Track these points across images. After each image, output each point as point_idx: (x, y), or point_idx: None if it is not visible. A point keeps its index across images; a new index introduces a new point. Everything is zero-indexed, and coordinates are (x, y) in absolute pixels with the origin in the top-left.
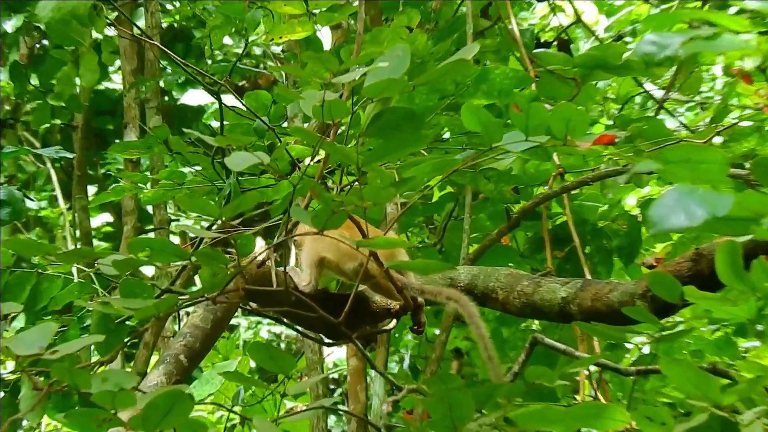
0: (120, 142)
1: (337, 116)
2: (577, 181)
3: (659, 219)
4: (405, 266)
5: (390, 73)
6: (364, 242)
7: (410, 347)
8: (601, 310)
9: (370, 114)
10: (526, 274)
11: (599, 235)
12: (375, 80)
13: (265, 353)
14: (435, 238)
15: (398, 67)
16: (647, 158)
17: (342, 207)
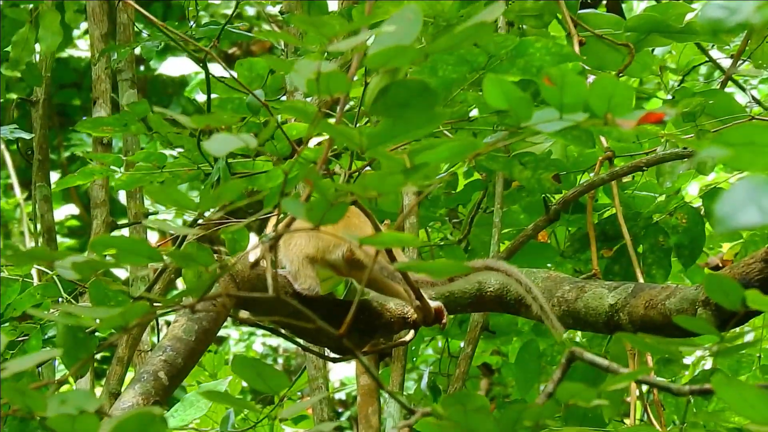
0: (89, 119)
1: (337, 91)
2: (629, 167)
3: (727, 216)
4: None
5: (398, 39)
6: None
7: (430, 363)
8: (656, 319)
9: (374, 88)
10: (567, 277)
11: (654, 231)
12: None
13: (253, 370)
14: (459, 234)
15: (408, 31)
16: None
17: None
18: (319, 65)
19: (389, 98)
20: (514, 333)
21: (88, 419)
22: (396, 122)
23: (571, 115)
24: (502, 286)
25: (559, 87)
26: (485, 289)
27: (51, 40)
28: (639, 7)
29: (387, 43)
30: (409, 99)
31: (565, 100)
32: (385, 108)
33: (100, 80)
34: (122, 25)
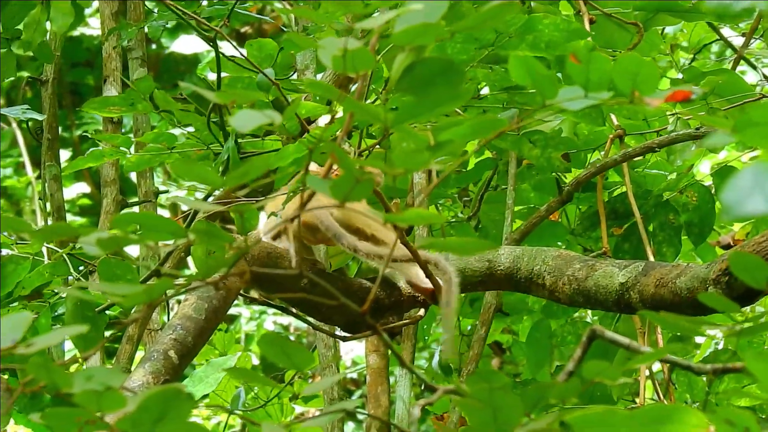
0: (98, 98)
1: (362, 68)
2: (641, 147)
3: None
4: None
5: (424, 17)
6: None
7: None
8: (667, 298)
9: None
10: (578, 256)
11: (665, 209)
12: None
13: (278, 346)
14: (469, 212)
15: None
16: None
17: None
18: (345, 42)
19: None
20: (525, 312)
21: (114, 395)
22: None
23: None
24: (513, 264)
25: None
26: (495, 267)
27: (62, 21)
28: None
29: (413, 21)
30: (435, 76)
31: (590, 77)
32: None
33: (111, 58)
34: (133, 3)
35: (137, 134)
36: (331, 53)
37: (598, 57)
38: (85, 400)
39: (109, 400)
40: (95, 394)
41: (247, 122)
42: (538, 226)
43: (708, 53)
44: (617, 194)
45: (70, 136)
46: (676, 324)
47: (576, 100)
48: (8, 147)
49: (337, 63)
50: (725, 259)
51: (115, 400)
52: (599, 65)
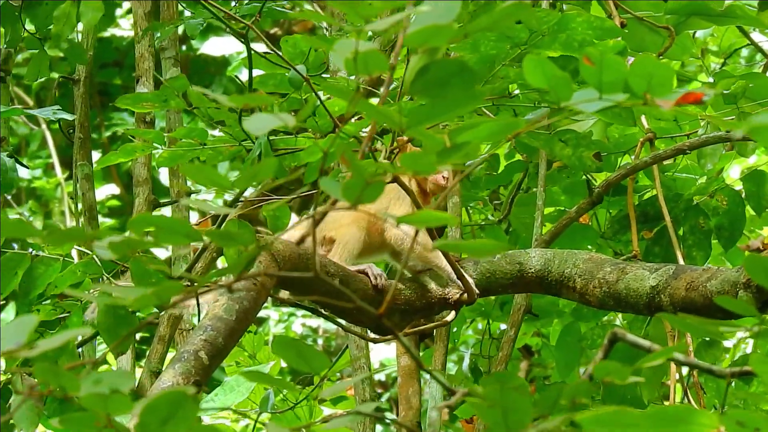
0: (130, 94)
1: (375, 70)
2: (672, 150)
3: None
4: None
5: (437, 17)
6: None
7: (471, 345)
8: (697, 301)
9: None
10: (608, 259)
11: (695, 213)
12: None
13: (293, 350)
14: (500, 215)
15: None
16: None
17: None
18: (356, 44)
19: (429, 78)
20: (555, 315)
21: (121, 399)
22: (436, 102)
23: (610, 95)
24: (544, 267)
25: (599, 66)
26: (526, 270)
27: (92, 15)
28: None
29: (426, 22)
30: (449, 78)
31: (604, 79)
32: (424, 87)
33: (144, 58)
34: (165, 3)
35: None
36: (343, 56)
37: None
38: (92, 402)
39: (115, 402)
40: (102, 397)
41: (262, 125)
42: (569, 228)
43: (738, 57)
44: (648, 198)
45: (99, 137)
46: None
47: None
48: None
49: (349, 65)
50: None
51: (121, 403)
52: (613, 67)
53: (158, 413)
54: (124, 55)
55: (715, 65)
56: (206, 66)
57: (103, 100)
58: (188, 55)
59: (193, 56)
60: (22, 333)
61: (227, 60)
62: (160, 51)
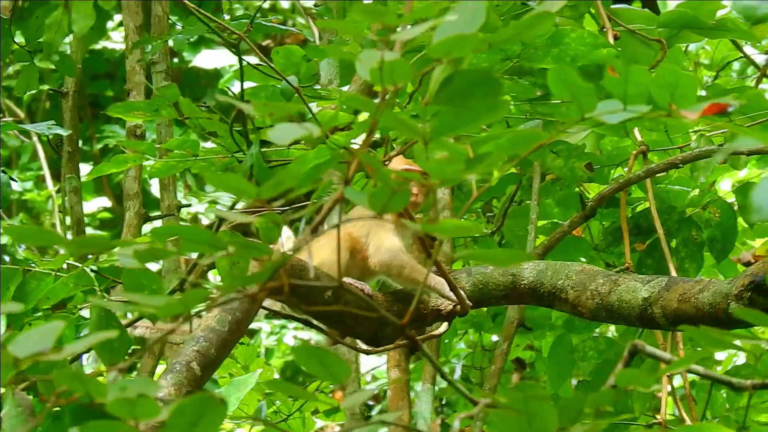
0: (122, 103)
1: (400, 80)
2: (665, 164)
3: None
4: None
5: (462, 28)
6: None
7: (462, 357)
8: (690, 313)
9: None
10: (601, 271)
11: (687, 225)
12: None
13: (316, 358)
14: (493, 227)
15: (472, 21)
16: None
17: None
18: (382, 54)
19: (453, 87)
20: (547, 328)
21: (148, 404)
22: (459, 112)
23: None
24: (536, 278)
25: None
26: (519, 282)
27: (83, 23)
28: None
29: (451, 32)
30: (473, 88)
31: (629, 90)
32: (448, 97)
33: (135, 72)
34: (157, 17)
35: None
36: (369, 65)
37: (638, 69)
38: (118, 409)
39: (143, 408)
40: (128, 402)
41: (286, 135)
42: (562, 241)
43: (730, 71)
44: (640, 210)
45: (91, 149)
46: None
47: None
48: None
49: (374, 75)
50: (747, 275)
51: (149, 408)
52: (638, 78)
53: (186, 417)
54: (115, 67)
55: (708, 78)
56: (198, 79)
57: (94, 112)
58: (180, 68)
59: (184, 69)
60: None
61: (219, 72)
62: (151, 64)
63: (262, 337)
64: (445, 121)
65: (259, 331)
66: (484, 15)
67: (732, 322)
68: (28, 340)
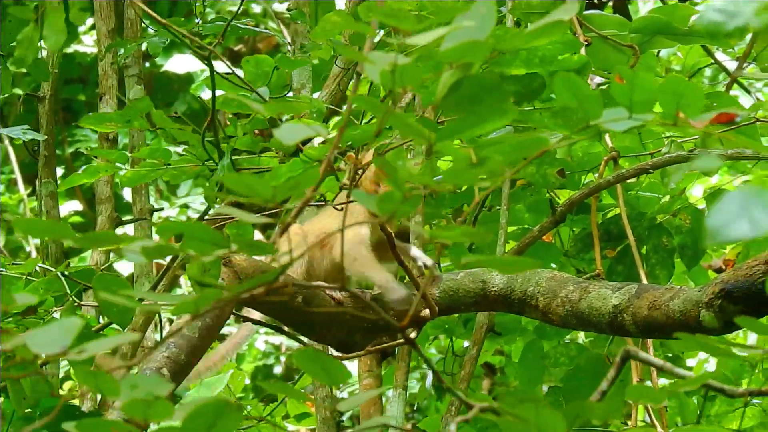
0: (94, 114)
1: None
2: (635, 169)
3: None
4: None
5: (473, 34)
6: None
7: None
8: (660, 320)
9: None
10: (571, 278)
11: (658, 232)
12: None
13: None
14: None
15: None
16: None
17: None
18: (395, 58)
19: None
20: (517, 333)
21: (163, 405)
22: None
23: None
24: (507, 285)
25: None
26: (489, 288)
27: (55, 39)
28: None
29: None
30: (482, 94)
31: (635, 98)
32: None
33: (107, 76)
34: (129, 21)
35: (133, 151)
36: (380, 68)
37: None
38: (132, 409)
39: (158, 409)
40: (144, 403)
41: (293, 135)
42: (532, 247)
43: (702, 77)
44: (611, 216)
45: (63, 153)
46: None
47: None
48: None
49: (385, 78)
50: (718, 282)
51: (163, 409)
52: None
53: (203, 421)
54: (88, 71)
55: None
56: (170, 83)
57: (66, 117)
58: (152, 72)
59: (156, 73)
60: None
61: (191, 77)
62: (124, 68)
63: None
64: (452, 126)
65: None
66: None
67: (703, 330)
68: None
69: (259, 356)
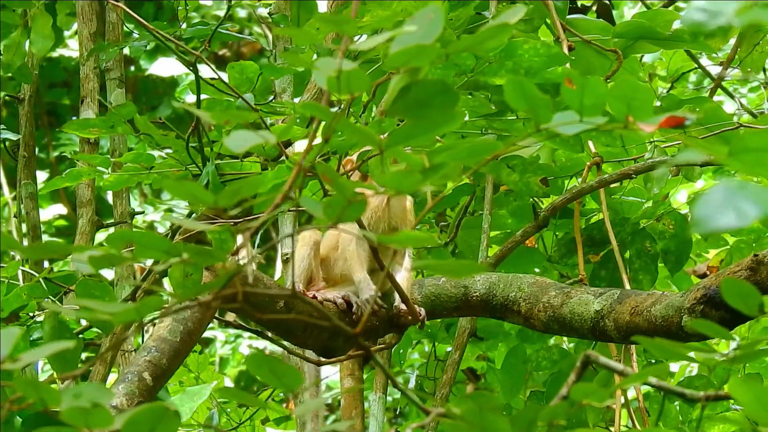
0: (76, 120)
1: (357, 90)
2: (618, 174)
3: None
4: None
5: (420, 38)
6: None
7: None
8: (642, 326)
9: (395, 88)
10: (553, 283)
11: (641, 237)
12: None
13: (267, 366)
14: (446, 237)
15: (430, 31)
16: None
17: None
18: (340, 63)
19: (410, 98)
20: (500, 337)
21: (102, 413)
22: (416, 122)
23: (591, 117)
24: (488, 290)
25: (580, 89)
26: (471, 294)
27: (42, 44)
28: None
29: (408, 42)
30: (430, 98)
31: (585, 102)
32: (405, 108)
33: (89, 79)
34: (111, 24)
35: (114, 155)
36: (326, 74)
37: (594, 81)
38: (72, 417)
39: (96, 417)
40: (83, 411)
41: (243, 143)
42: (515, 251)
43: (686, 82)
44: (594, 221)
45: (47, 157)
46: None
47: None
48: None
49: (332, 84)
50: (700, 288)
51: (102, 417)
52: (594, 89)
53: (140, 427)
54: (72, 75)
55: (663, 89)
56: (155, 87)
57: (51, 120)
58: (136, 76)
59: (141, 77)
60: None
61: (175, 81)
62: (106, 72)
63: (217, 346)
64: (402, 131)
65: (215, 341)
66: (441, 26)
67: (685, 336)
68: None
69: (243, 361)
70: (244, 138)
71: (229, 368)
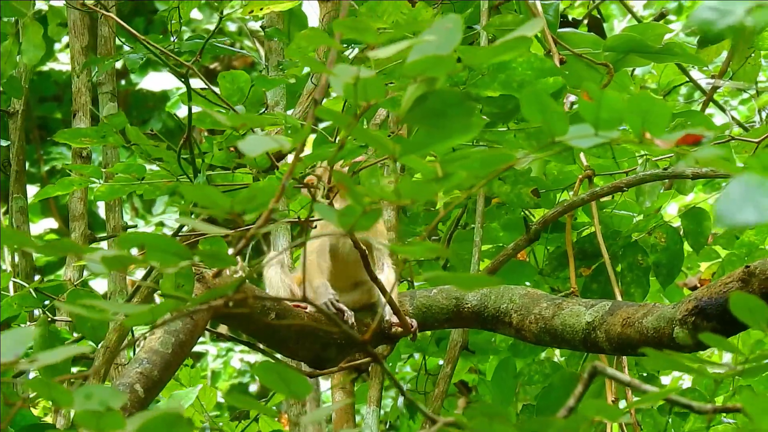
0: (68, 129)
1: (374, 97)
2: (609, 187)
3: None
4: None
5: (437, 48)
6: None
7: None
8: (633, 337)
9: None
10: (545, 295)
11: (633, 250)
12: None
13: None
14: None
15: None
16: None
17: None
18: (358, 70)
19: (426, 107)
20: (491, 351)
21: (114, 416)
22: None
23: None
24: (480, 302)
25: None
26: (463, 305)
27: (33, 53)
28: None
29: (426, 52)
30: (447, 108)
31: (601, 115)
32: (421, 116)
33: (81, 93)
34: (103, 38)
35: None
36: (344, 81)
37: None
38: (84, 419)
39: (109, 420)
40: (95, 414)
41: (258, 147)
42: (507, 265)
43: (677, 95)
44: (586, 235)
45: (38, 171)
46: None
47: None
48: None
49: (348, 91)
50: (691, 300)
51: (115, 420)
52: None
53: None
54: (63, 89)
55: None
56: (145, 100)
57: (42, 135)
58: (127, 90)
59: (132, 91)
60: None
61: (166, 95)
62: (97, 86)
63: (209, 360)
64: (417, 139)
65: (206, 354)
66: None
67: (676, 347)
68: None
69: (235, 374)
70: (260, 141)
71: (221, 382)
